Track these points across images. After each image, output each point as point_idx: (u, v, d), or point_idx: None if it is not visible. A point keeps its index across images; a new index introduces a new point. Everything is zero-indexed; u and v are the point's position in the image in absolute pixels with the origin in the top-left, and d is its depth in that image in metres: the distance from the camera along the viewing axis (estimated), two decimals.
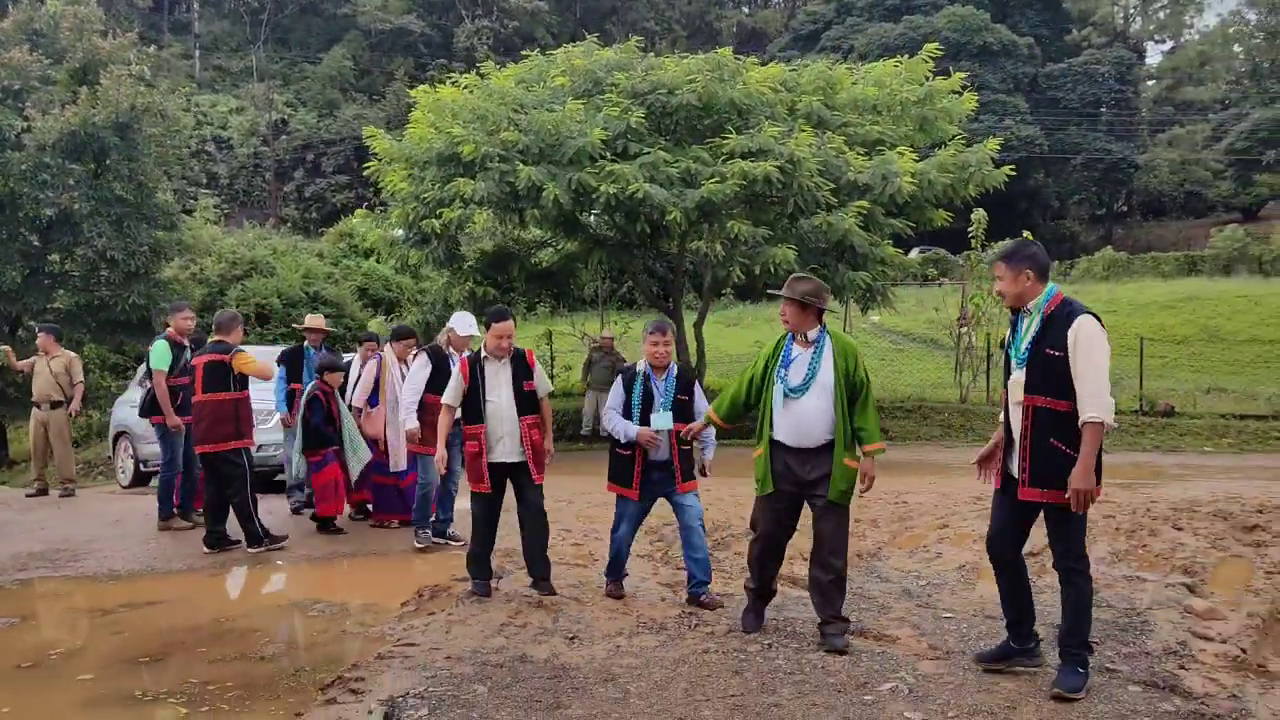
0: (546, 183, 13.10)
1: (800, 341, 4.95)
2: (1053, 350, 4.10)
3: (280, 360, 9.22)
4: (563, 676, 4.31)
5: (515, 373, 5.87)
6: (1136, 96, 52.62)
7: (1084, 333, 4.07)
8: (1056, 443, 4.07)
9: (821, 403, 4.80)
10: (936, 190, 15.33)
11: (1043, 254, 4.40)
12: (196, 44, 56.19)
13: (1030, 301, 4.28)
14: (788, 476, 4.87)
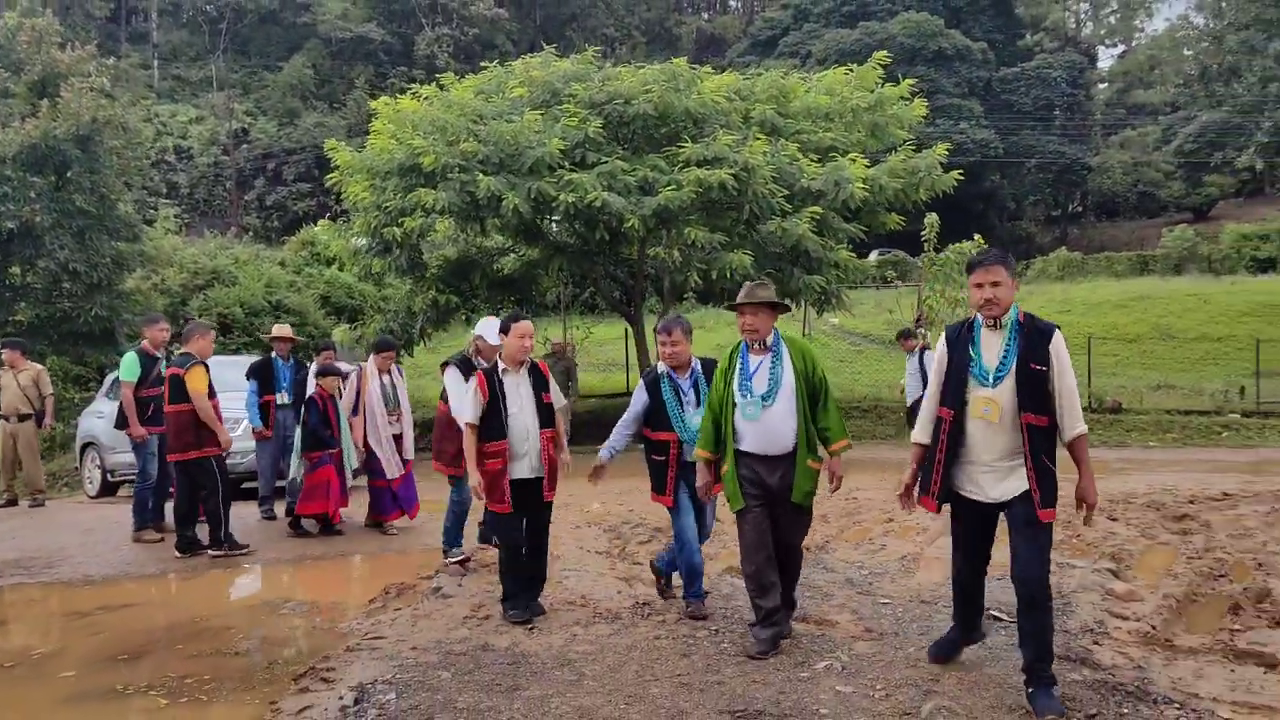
0: (506, 192, 13.38)
1: (757, 349, 4.88)
2: (1038, 365, 3.96)
3: (250, 374, 9.39)
4: (522, 662, 4.60)
5: (535, 384, 5.59)
6: (1088, 100, 53.72)
7: (1062, 347, 4.00)
8: (1046, 459, 3.96)
9: (787, 408, 4.74)
10: (888, 195, 15.78)
11: None
12: (155, 54, 55.83)
13: (1005, 314, 4.10)
14: (756, 483, 4.77)
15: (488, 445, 5.43)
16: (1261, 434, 15.94)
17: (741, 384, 4.82)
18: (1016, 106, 50.54)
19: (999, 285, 4.06)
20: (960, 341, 4.20)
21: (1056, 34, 55.88)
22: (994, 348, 4.08)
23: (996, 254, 4.19)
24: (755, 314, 4.87)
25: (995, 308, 4.07)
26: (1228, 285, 32.07)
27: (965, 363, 4.13)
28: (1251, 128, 41.73)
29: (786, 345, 4.90)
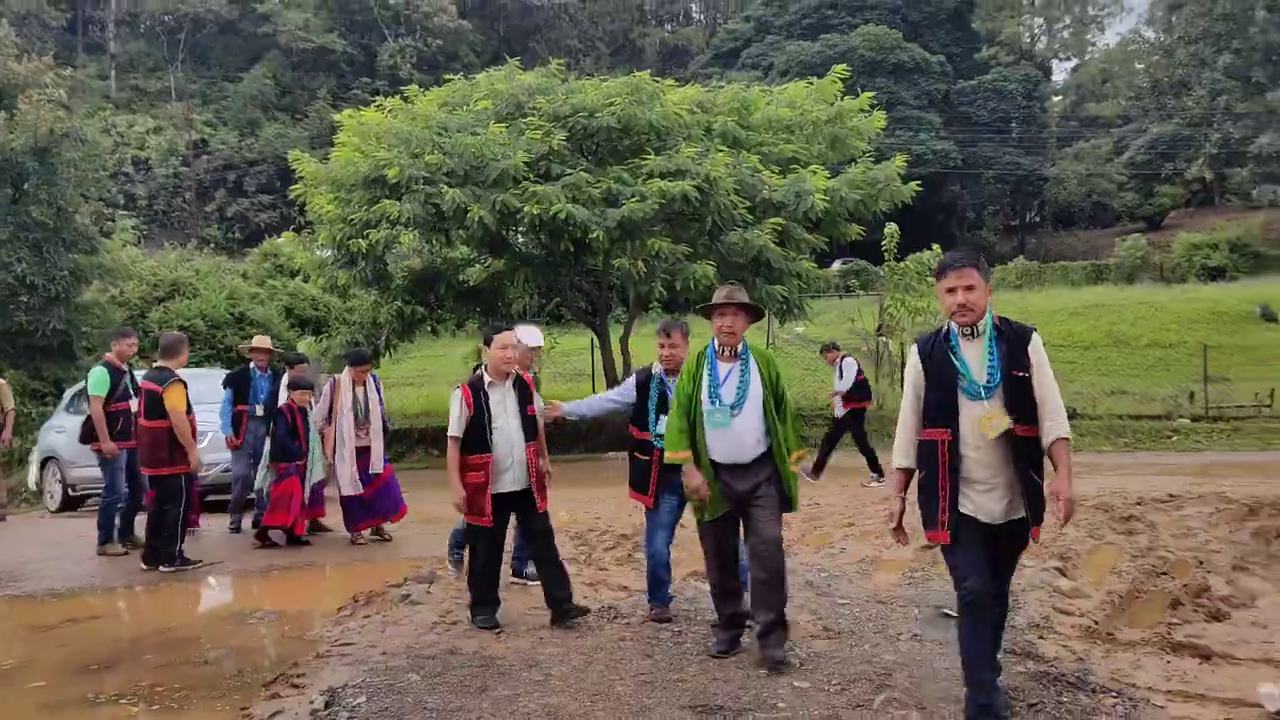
0: (471, 204, 13.48)
1: (726, 357, 4.83)
2: (1020, 372, 3.70)
3: (225, 383, 9.42)
4: (490, 665, 4.71)
5: (520, 397, 5.59)
6: (1044, 112, 54.72)
7: (1040, 349, 3.76)
8: (1035, 474, 3.73)
9: (754, 416, 4.72)
10: (848, 206, 16.05)
11: None
12: (112, 64, 55.30)
13: (980, 319, 3.80)
14: (729, 493, 4.74)
15: (471, 458, 5.44)
16: (1209, 438, 16.37)
17: (711, 392, 4.75)
18: (974, 118, 51.40)
19: (972, 289, 3.75)
20: (938, 354, 3.84)
21: (1012, 48, 56.86)
22: (977, 358, 3.76)
23: (967, 255, 3.87)
24: (735, 316, 4.82)
25: (969, 313, 3.76)
26: (1179, 293, 32.81)
27: (951, 377, 3.78)
28: (1201, 139, 42.79)
29: (753, 354, 4.87)
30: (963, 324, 3.78)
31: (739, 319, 4.83)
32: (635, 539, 7.82)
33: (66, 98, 21.77)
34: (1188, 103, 43.32)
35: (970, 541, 3.77)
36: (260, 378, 9.38)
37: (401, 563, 7.34)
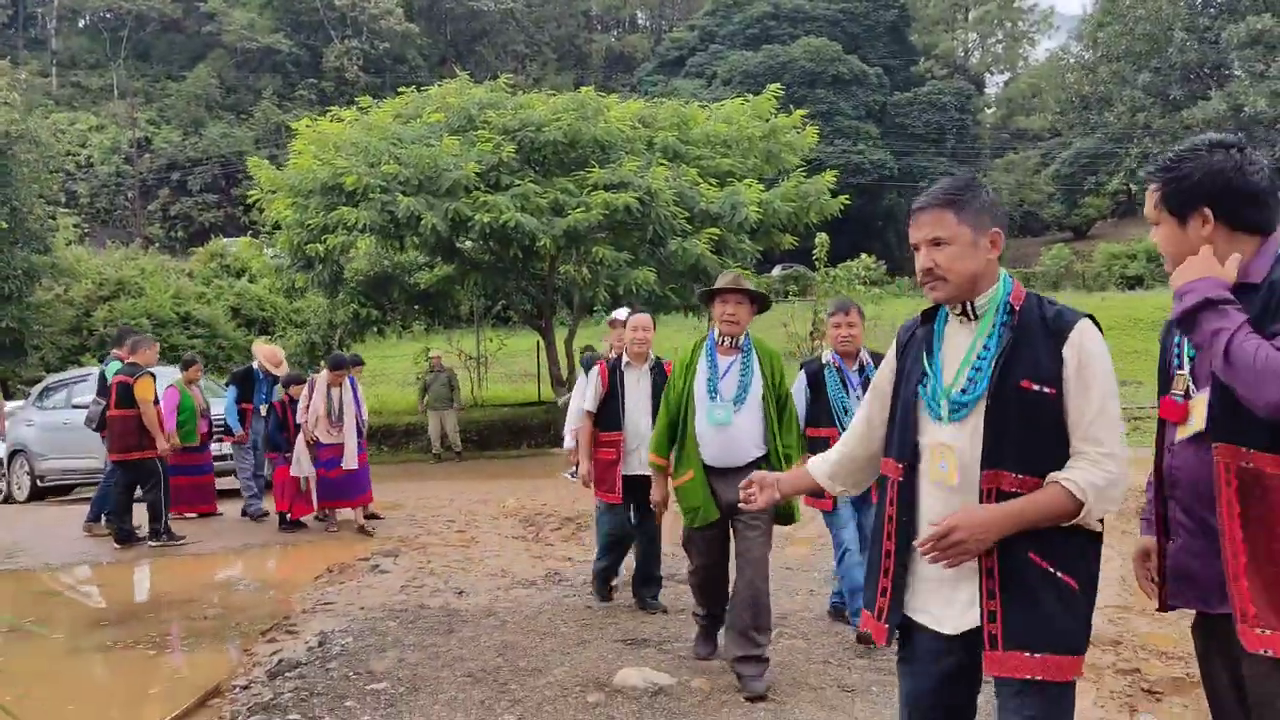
0: (425, 212, 14.24)
1: (726, 348, 4.41)
2: (1034, 385, 2.19)
3: (230, 381, 10.08)
4: (455, 615, 5.57)
5: (655, 383, 5.39)
6: (976, 125, 56.59)
7: (1092, 348, 2.21)
8: (1040, 562, 2.19)
9: (753, 417, 4.32)
10: (781, 217, 17.06)
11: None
12: (54, 61, 54.77)
13: (981, 293, 2.31)
14: (719, 499, 4.30)
15: (602, 435, 5.55)
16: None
17: (710, 386, 4.34)
18: (910, 129, 53.01)
19: (941, 244, 2.29)
20: (914, 345, 2.44)
21: (947, 62, 58.73)
22: (960, 351, 2.33)
23: (946, 188, 2.36)
24: (738, 304, 4.36)
25: (941, 285, 2.30)
26: (1099, 300, 34.49)
27: (916, 383, 2.37)
28: (1122, 154, 44.74)
29: (756, 348, 4.46)
30: (937, 299, 2.36)
31: (743, 307, 4.36)
32: (578, 520, 8.69)
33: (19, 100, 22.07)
34: (1109, 118, 45.23)
35: (921, 661, 2.36)
36: (263, 379, 9.95)
37: (369, 542, 8.15)
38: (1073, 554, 2.21)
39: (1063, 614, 2.19)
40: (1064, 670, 2.19)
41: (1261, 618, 2.03)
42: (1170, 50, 42.39)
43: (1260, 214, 2.16)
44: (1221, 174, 2.16)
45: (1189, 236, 2.19)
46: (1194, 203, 2.18)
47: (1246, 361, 1.94)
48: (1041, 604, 2.18)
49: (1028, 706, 2.19)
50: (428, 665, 4.55)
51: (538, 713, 3.93)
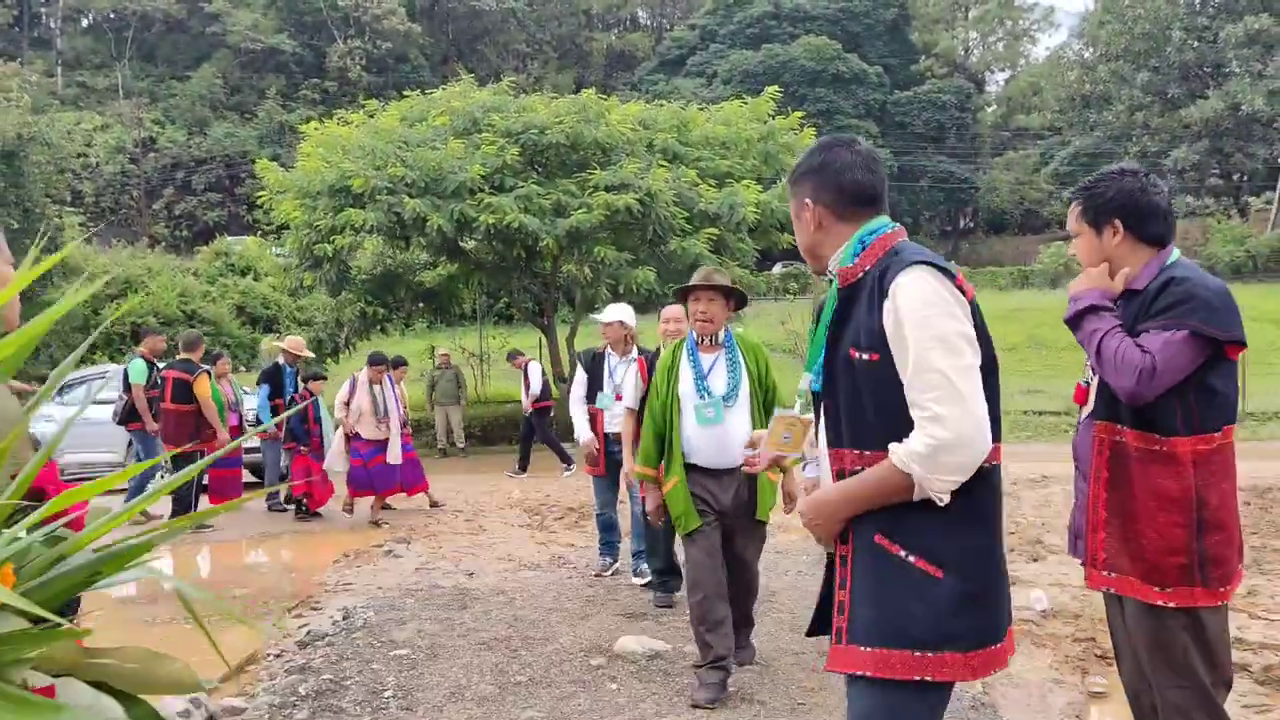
0: (431, 214, 14.63)
1: (707, 346, 4.30)
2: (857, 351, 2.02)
3: (262, 379, 10.48)
4: (467, 593, 5.96)
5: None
6: (976, 122, 56.94)
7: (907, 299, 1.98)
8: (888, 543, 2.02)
9: (744, 413, 4.20)
10: (779, 217, 17.44)
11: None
12: (59, 61, 55.17)
13: (831, 251, 2.17)
14: (707, 502, 4.17)
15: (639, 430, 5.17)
16: None
17: (698, 384, 4.22)
18: (910, 128, 53.42)
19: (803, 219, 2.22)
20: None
21: (947, 60, 59.04)
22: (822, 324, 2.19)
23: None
24: (711, 301, 4.25)
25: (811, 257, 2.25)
26: None
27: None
28: (1120, 152, 45.09)
29: (738, 343, 4.37)
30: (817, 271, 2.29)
31: (716, 304, 4.24)
32: (580, 510, 9.09)
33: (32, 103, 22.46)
34: (1108, 117, 45.58)
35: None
36: (290, 372, 10.14)
37: (382, 530, 8.56)
38: (932, 532, 1.94)
39: (911, 603, 1.94)
40: (896, 668, 1.93)
41: (1110, 562, 2.49)
42: (1169, 49, 42.75)
43: (1159, 227, 2.60)
44: (1130, 193, 2.60)
45: (1103, 245, 2.64)
46: (1107, 216, 2.62)
47: (1109, 356, 2.41)
48: (890, 593, 1.96)
49: (855, 704, 2.01)
50: (444, 635, 4.95)
51: (546, 674, 4.33)
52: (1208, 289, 2.48)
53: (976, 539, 1.98)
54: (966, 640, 1.93)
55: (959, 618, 1.93)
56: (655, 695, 4.12)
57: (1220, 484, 2.47)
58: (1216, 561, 2.47)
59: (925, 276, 1.99)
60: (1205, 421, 2.46)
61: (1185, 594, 2.43)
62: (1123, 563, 2.48)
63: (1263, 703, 4.11)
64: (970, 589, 1.95)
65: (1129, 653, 2.60)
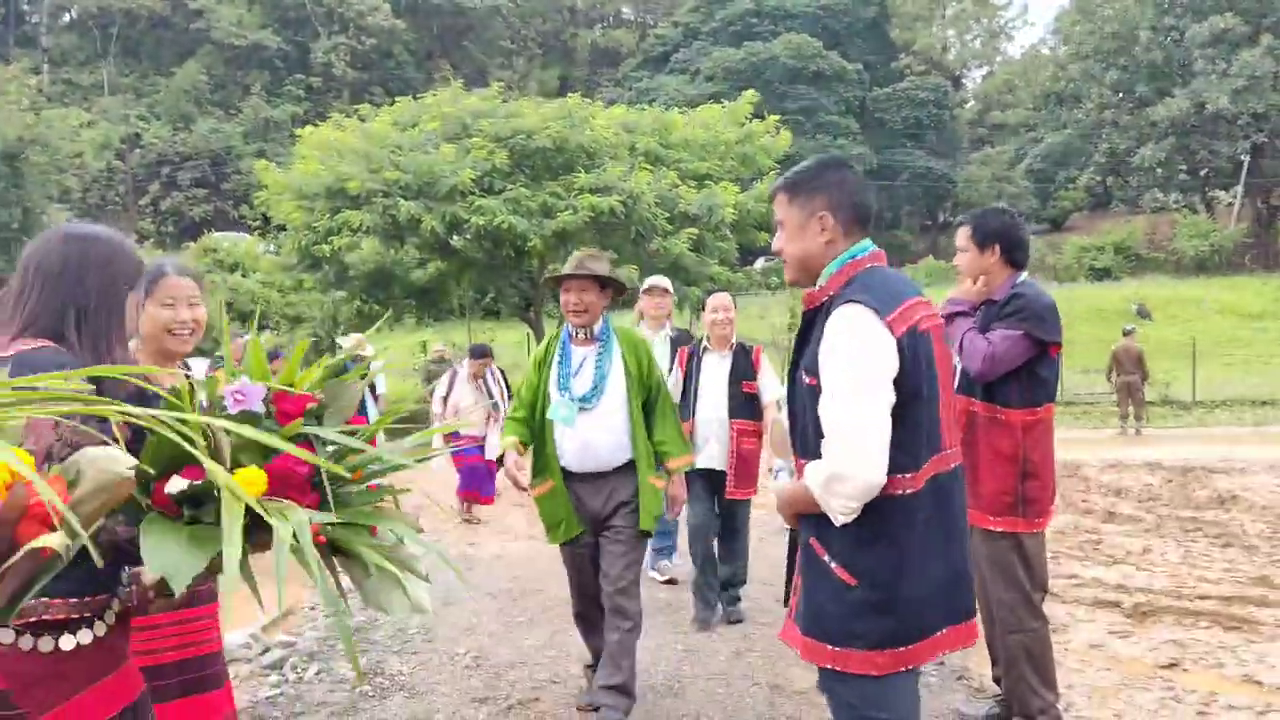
0: (424, 215, 15.46)
1: (581, 340, 3.97)
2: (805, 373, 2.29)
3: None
4: (470, 558, 6.83)
5: (734, 368, 5.17)
6: (954, 119, 57.98)
7: (830, 333, 2.20)
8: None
9: (615, 415, 3.88)
10: (755, 216, 18.35)
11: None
12: (45, 58, 55.45)
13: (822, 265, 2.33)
14: (582, 510, 3.90)
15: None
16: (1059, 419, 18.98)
17: (560, 381, 3.92)
18: (889, 124, 54.38)
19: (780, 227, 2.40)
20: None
21: (925, 57, 60.04)
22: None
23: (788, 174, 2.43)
24: (582, 291, 3.90)
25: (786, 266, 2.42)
26: (1067, 292, 35.95)
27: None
28: (1091, 149, 46.22)
29: (618, 338, 4.00)
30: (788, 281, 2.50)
31: (590, 294, 3.91)
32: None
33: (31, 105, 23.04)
34: (1078, 114, 46.65)
35: None
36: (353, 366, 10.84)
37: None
38: (850, 546, 2.18)
39: (831, 603, 2.21)
40: (822, 657, 2.22)
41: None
42: (1137, 49, 43.77)
43: (1021, 255, 3.54)
44: (1010, 227, 3.53)
45: (982, 260, 3.52)
46: (991, 240, 3.50)
47: (967, 346, 3.31)
48: (816, 589, 2.25)
49: (821, 683, 2.33)
50: (454, 589, 5.80)
51: (543, 615, 5.21)
52: (1040, 303, 3.40)
53: (888, 556, 2.17)
54: (868, 640, 2.17)
55: (864, 620, 2.18)
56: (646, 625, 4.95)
57: (1041, 445, 3.41)
58: (1033, 500, 3.46)
59: (853, 315, 2.15)
60: (1033, 399, 3.38)
61: (1010, 522, 3.35)
62: (970, 500, 3.37)
63: (1126, 629, 5.04)
64: (877, 598, 2.16)
65: (978, 572, 3.49)
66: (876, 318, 2.13)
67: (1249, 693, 4.28)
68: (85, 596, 1.79)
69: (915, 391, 2.16)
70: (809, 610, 2.26)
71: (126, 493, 1.43)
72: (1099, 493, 9.86)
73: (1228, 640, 4.97)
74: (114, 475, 1.37)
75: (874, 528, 2.14)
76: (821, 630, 2.22)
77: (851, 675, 2.19)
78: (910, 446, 2.15)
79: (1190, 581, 6.13)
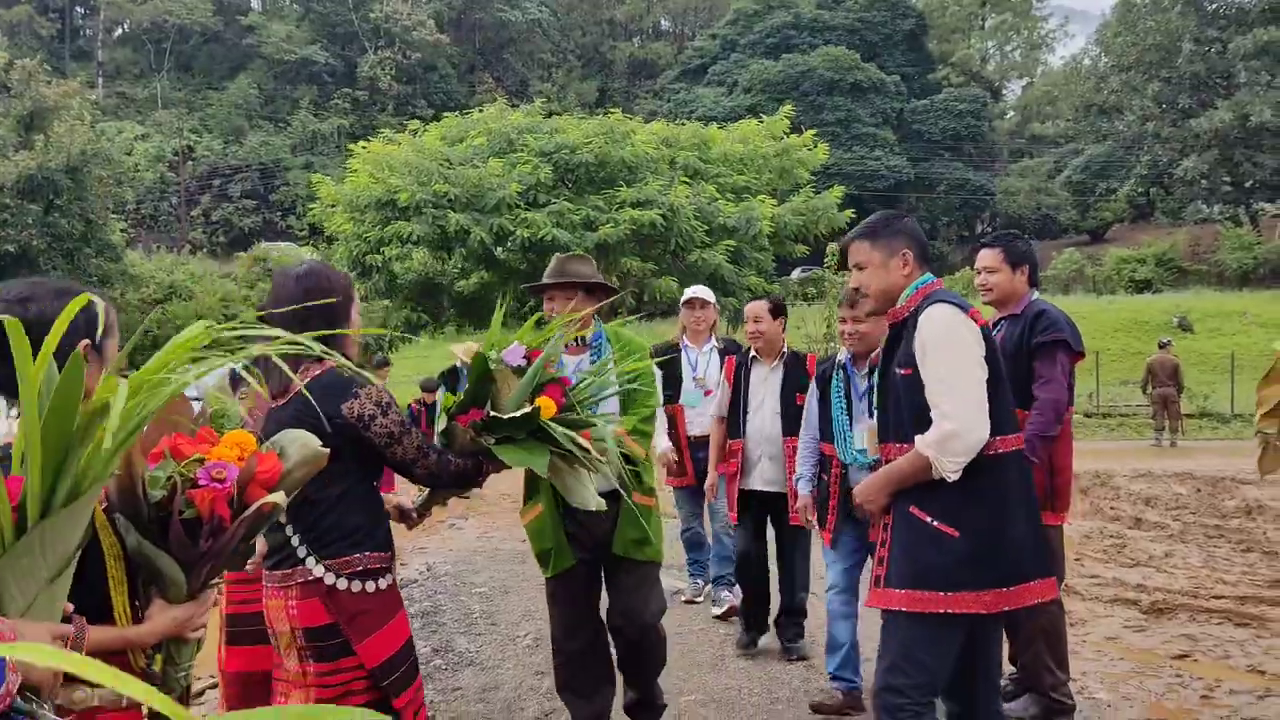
0: (472, 227, 16.01)
1: (573, 348, 3.54)
2: (899, 368, 2.73)
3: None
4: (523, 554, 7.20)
5: (786, 379, 4.69)
6: (992, 130, 57.91)
7: (926, 330, 2.67)
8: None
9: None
10: (792, 229, 18.74)
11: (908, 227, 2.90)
12: (100, 72, 57.04)
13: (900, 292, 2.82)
14: (580, 539, 3.44)
15: (730, 444, 4.77)
16: (1095, 430, 19.21)
17: None
18: (927, 136, 54.40)
19: (861, 268, 2.88)
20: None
21: (963, 69, 59.99)
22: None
23: (864, 225, 2.98)
24: (568, 299, 3.51)
25: (864, 299, 3.19)
26: (1106, 303, 35.89)
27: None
28: (1132, 161, 46.02)
29: (610, 341, 3.63)
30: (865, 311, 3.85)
31: (573, 301, 3.49)
32: None
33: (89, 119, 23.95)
34: (1119, 126, 46.47)
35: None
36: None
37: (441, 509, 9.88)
38: (953, 506, 2.58)
39: (936, 556, 2.57)
40: (925, 603, 2.57)
41: None
42: (1179, 61, 43.54)
43: (1037, 275, 3.98)
44: (1030, 250, 3.92)
45: (1015, 281, 3.94)
46: (1021, 262, 3.91)
47: (1041, 418, 3.74)
48: (916, 548, 2.61)
49: (890, 633, 2.68)
50: (511, 579, 6.25)
51: None
52: (1065, 318, 3.87)
53: (985, 509, 2.58)
54: (976, 584, 2.55)
55: (970, 568, 2.56)
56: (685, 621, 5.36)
57: (1063, 446, 3.78)
58: (1059, 493, 3.80)
59: (943, 311, 2.66)
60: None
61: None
62: None
63: (1141, 624, 5.36)
64: (981, 546, 2.56)
65: None
66: (961, 312, 2.65)
67: (1252, 681, 4.60)
68: (386, 551, 2.50)
69: (997, 371, 2.67)
70: (915, 569, 2.60)
71: (322, 465, 1.87)
72: (1128, 501, 10.10)
73: (1237, 635, 5.28)
74: (315, 451, 1.81)
75: (972, 485, 2.56)
76: (930, 582, 2.57)
77: (931, 616, 2.57)
78: (999, 416, 2.61)
79: (1208, 583, 6.42)
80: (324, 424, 2.27)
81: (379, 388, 2.49)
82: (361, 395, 2.45)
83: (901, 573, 2.64)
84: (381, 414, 2.45)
